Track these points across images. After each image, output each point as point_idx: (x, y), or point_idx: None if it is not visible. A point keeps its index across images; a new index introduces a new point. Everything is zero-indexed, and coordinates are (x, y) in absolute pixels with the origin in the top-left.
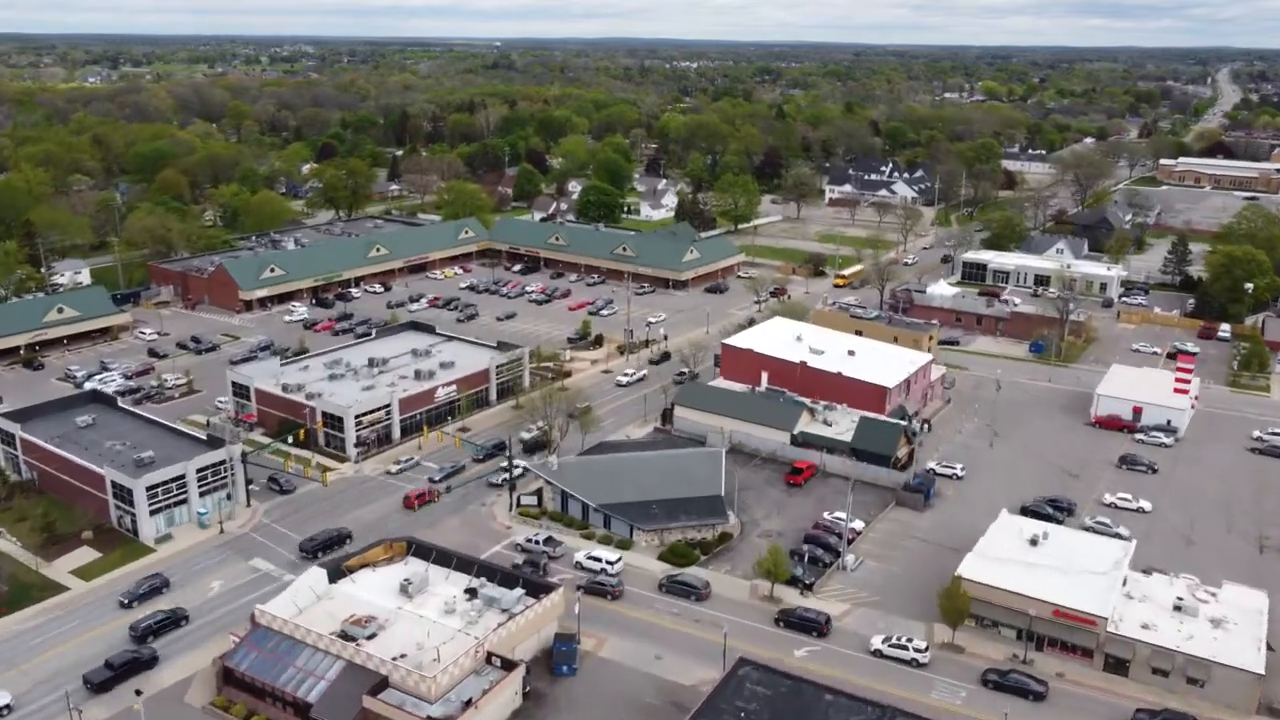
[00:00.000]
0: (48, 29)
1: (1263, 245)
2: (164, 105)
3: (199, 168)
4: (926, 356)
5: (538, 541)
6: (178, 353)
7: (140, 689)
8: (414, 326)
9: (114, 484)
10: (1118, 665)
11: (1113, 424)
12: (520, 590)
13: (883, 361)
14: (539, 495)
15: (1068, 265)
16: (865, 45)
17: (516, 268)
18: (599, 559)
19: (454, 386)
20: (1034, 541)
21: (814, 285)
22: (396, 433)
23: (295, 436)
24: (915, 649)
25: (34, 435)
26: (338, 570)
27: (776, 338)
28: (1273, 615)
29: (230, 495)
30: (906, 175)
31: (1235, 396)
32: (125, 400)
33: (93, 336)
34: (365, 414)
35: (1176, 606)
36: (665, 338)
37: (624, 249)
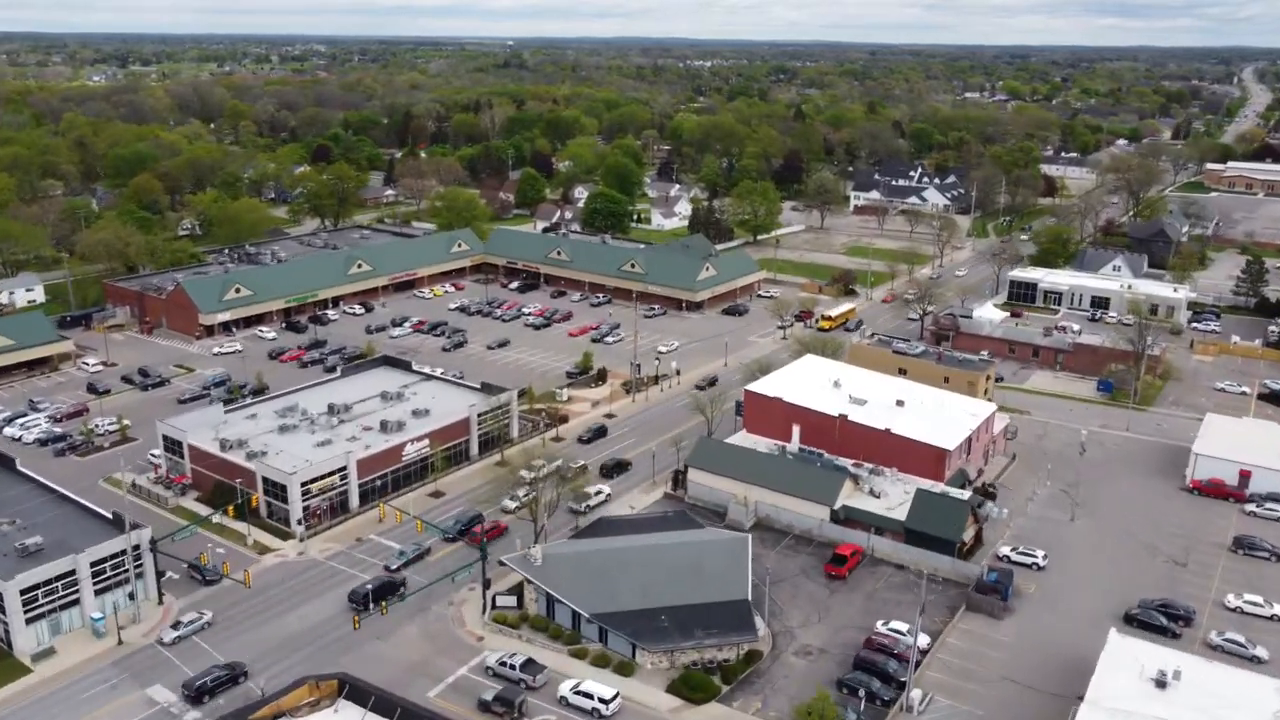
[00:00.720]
0: (63, 28)
1: None
2: (161, 105)
3: (179, 171)
4: (989, 406)
5: (514, 666)
6: (121, 388)
7: None
8: (387, 362)
9: None
10: None
11: (1215, 491)
12: None
13: (937, 412)
14: (519, 594)
15: (1128, 285)
16: (877, 45)
17: (514, 285)
18: (590, 695)
19: (426, 442)
20: (1161, 683)
21: (844, 307)
22: (354, 499)
23: (233, 507)
24: None
25: None
26: None
27: (810, 382)
28: None
29: (133, 594)
30: (937, 181)
31: None
32: (48, 450)
33: (31, 368)
34: (314, 480)
35: None
36: (678, 372)
37: (633, 265)
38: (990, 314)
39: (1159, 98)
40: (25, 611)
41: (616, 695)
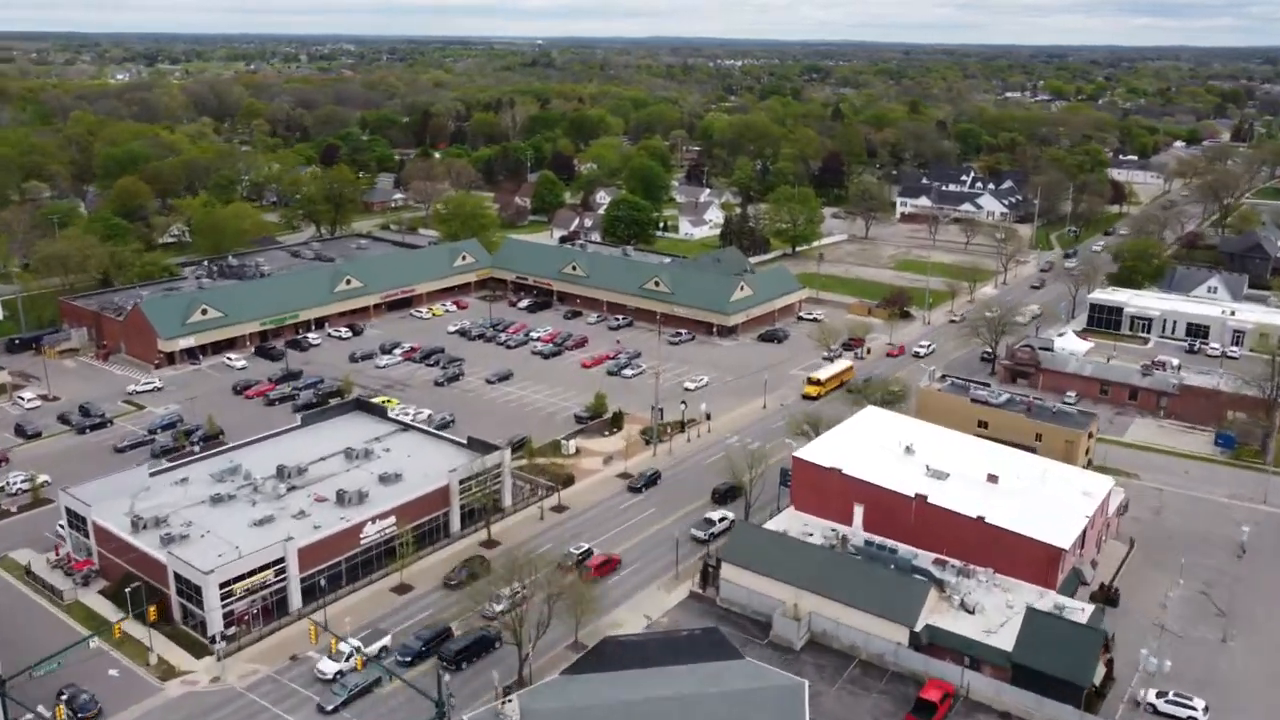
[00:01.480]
0: (97, 28)
1: None
2: (175, 103)
3: (172, 173)
4: (1105, 482)
5: None
6: (56, 429)
7: None
8: (360, 407)
9: None
10: None
11: None
12: None
13: (1042, 489)
14: None
15: (1231, 311)
16: (909, 44)
17: (524, 303)
18: None
19: (392, 519)
20: None
21: (899, 333)
22: (295, 599)
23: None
24: None
25: None
26: None
27: (874, 445)
28: None
29: None
30: (992, 186)
31: None
32: None
33: None
34: (238, 580)
35: None
36: (708, 416)
37: (657, 283)
38: (1073, 344)
39: (1213, 98)
40: None
41: None
